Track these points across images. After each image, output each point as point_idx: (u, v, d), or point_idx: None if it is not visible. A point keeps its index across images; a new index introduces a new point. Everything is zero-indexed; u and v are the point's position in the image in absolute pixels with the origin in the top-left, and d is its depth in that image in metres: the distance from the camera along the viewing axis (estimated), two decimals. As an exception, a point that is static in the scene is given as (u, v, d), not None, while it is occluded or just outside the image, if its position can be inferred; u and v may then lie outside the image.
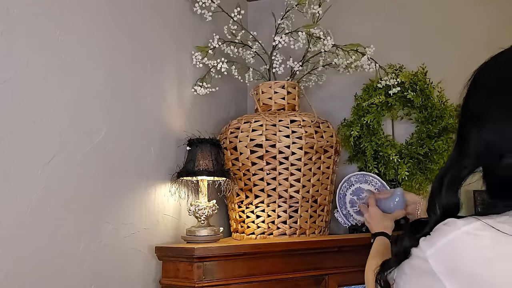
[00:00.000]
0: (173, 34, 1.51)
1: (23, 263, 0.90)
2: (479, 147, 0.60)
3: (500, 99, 0.60)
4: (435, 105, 1.71)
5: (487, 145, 0.59)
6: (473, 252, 0.54)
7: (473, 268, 0.53)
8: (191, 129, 1.51)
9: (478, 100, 0.63)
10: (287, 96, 1.60)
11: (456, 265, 0.55)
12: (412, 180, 1.72)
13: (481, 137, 0.60)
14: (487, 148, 0.59)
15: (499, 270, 0.52)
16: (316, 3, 1.65)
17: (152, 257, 1.29)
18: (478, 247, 0.54)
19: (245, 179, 1.49)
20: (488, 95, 0.62)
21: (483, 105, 0.62)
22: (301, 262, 1.32)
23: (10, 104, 0.89)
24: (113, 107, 1.19)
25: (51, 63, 1.00)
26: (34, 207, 0.93)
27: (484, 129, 0.60)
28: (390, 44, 1.87)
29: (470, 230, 0.55)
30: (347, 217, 1.68)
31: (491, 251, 0.53)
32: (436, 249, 0.57)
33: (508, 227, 0.53)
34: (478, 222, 0.55)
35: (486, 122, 0.60)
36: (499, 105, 0.60)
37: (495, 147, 0.58)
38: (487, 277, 0.52)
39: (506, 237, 0.52)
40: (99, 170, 1.12)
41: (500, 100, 0.60)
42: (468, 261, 0.54)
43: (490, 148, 0.59)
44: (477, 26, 1.84)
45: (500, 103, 0.60)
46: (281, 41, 1.60)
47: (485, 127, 0.60)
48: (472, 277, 0.53)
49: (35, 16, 0.96)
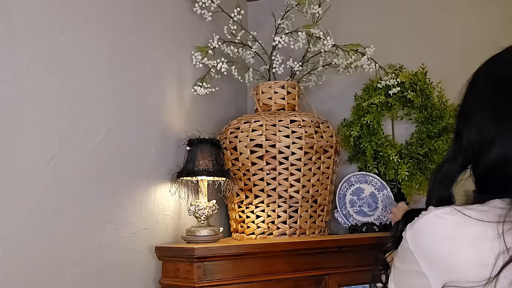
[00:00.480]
0: (173, 34, 1.51)
1: (23, 263, 0.90)
2: (467, 144, 0.66)
3: (487, 98, 0.65)
4: (435, 105, 1.71)
5: (471, 142, 0.65)
6: (437, 232, 0.59)
7: (436, 248, 0.58)
8: (191, 129, 1.51)
9: (470, 99, 0.68)
10: (287, 96, 1.60)
11: (424, 244, 0.60)
12: (412, 180, 1.71)
13: (468, 135, 0.65)
14: (471, 145, 0.65)
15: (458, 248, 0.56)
16: (316, 3, 1.65)
17: (152, 257, 1.29)
18: (442, 227, 0.59)
19: (245, 179, 1.49)
20: (479, 95, 0.66)
21: (473, 104, 0.67)
22: (301, 262, 1.32)
23: (10, 104, 0.89)
24: (113, 107, 1.19)
25: (51, 63, 1.00)
26: (34, 207, 0.93)
27: (471, 127, 0.65)
28: (390, 44, 1.87)
29: (438, 214, 0.60)
30: (347, 217, 1.69)
31: (452, 231, 0.57)
32: (412, 230, 0.62)
33: (474, 213, 0.57)
34: (448, 208, 0.60)
35: (472, 120, 0.65)
36: (484, 104, 0.64)
37: (478, 144, 0.63)
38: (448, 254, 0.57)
39: (469, 220, 0.57)
40: (99, 170, 1.12)
41: (487, 100, 0.65)
42: (432, 240, 0.59)
43: (474, 145, 0.64)
44: (477, 26, 1.84)
45: (486, 102, 0.64)
46: (281, 41, 1.60)
47: (471, 124, 0.65)
48: (436, 256, 0.58)
49: (35, 16, 0.96)
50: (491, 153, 0.61)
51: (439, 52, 1.86)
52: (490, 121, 0.62)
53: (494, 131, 0.61)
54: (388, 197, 1.65)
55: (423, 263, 0.59)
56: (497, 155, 0.60)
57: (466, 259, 0.55)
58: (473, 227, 0.56)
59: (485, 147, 0.62)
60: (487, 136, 0.62)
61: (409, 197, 1.72)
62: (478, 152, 0.63)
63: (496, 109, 0.62)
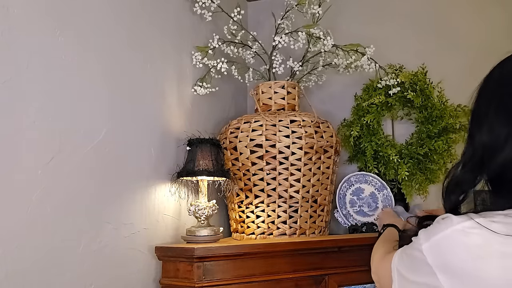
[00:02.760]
0: (173, 34, 1.51)
1: (23, 263, 0.90)
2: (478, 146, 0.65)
3: (499, 100, 0.64)
4: (435, 105, 1.71)
5: (483, 144, 0.64)
6: (464, 250, 0.57)
7: (463, 264, 0.56)
8: (191, 129, 1.51)
9: (482, 102, 0.68)
10: (287, 96, 1.60)
11: (448, 261, 0.58)
12: (412, 180, 1.72)
13: (481, 137, 0.64)
14: (484, 147, 0.64)
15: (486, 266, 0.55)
16: (316, 3, 1.65)
17: (152, 257, 1.29)
18: (469, 245, 0.57)
19: (245, 179, 1.49)
20: (490, 98, 0.66)
21: (485, 107, 0.66)
22: (301, 262, 1.32)
23: (10, 104, 0.89)
24: (113, 107, 1.19)
25: (51, 63, 1.00)
26: (34, 207, 0.93)
27: (483, 129, 0.64)
28: (390, 44, 1.87)
29: (462, 228, 0.58)
30: (347, 217, 1.69)
31: (480, 249, 0.56)
32: (431, 243, 0.60)
33: (499, 226, 0.56)
34: (471, 221, 0.58)
35: (484, 122, 0.65)
36: (496, 106, 0.64)
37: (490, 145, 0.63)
38: (475, 272, 0.55)
39: (495, 236, 0.55)
40: (99, 170, 1.12)
41: (498, 101, 0.64)
42: (458, 258, 0.57)
43: (486, 146, 0.63)
44: (477, 26, 1.84)
45: (498, 105, 0.64)
46: (281, 41, 1.60)
47: (483, 127, 0.64)
48: (462, 272, 0.56)
49: (35, 16, 0.96)
50: (504, 153, 0.61)
51: (439, 52, 1.86)
52: (502, 122, 0.62)
53: (506, 132, 0.61)
54: (389, 197, 1.65)
55: (444, 278, 0.58)
56: (509, 156, 0.60)
57: (494, 277, 0.54)
58: (502, 244, 0.55)
59: (498, 148, 0.62)
60: (499, 137, 0.62)
61: (409, 197, 1.72)
62: (491, 154, 0.63)
63: (508, 110, 0.62)
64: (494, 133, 0.62)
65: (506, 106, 0.63)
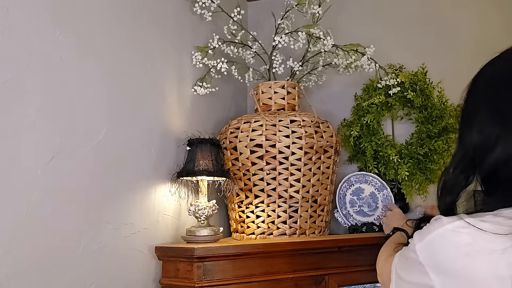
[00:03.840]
0: (173, 34, 1.51)
1: (23, 263, 0.90)
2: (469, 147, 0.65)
3: (488, 100, 0.64)
4: (435, 105, 1.71)
5: (474, 145, 0.64)
6: (454, 248, 0.58)
7: (453, 263, 0.58)
8: (191, 129, 1.51)
9: (471, 103, 0.68)
10: (287, 96, 1.60)
11: (439, 260, 0.59)
12: (412, 180, 1.72)
13: (471, 137, 0.65)
14: (474, 147, 0.64)
15: (475, 264, 0.56)
16: (316, 3, 1.65)
17: (152, 257, 1.29)
18: (459, 243, 0.58)
19: (245, 179, 1.49)
20: (480, 97, 0.66)
21: (474, 107, 0.66)
22: (301, 262, 1.32)
23: (10, 104, 0.89)
24: (113, 107, 1.19)
25: (51, 63, 1.00)
26: (34, 207, 0.93)
27: (473, 129, 0.65)
28: (390, 44, 1.87)
29: (453, 228, 0.59)
30: (347, 217, 1.69)
31: (469, 247, 0.57)
32: (423, 243, 0.62)
33: (488, 225, 0.57)
34: (461, 221, 0.59)
35: (474, 123, 0.65)
36: (486, 106, 0.64)
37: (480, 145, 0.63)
38: (464, 270, 0.56)
39: (485, 234, 0.56)
40: (99, 170, 1.12)
41: (488, 101, 0.64)
42: (449, 257, 0.58)
43: (477, 147, 0.64)
44: (477, 26, 1.84)
45: (487, 104, 0.64)
46: (281, 41, 1.60)
47: (473, 127, 0.65)
48: (452, 271, 0.58)
49: (35, 16, 0.96)
50: (494, 153, 0.61)
51: (439, 52, 1.86)
52: (492, 122, 0.62)
53: (496, 132, 0.61)
54: (389, 197, 1.65)
55: (436, 278, 0.59)
56: (500, 156, 0.60)
57: (483, 274, 0.55)
58: (490, 242, 0.56)
59: (488, 149, 0.62)
60: (489, 137, 0.62)
61: (409, 197, 1.72)
62: (482, 154, 0.63)
63: (498, 110, 0.62)
64: (484, 133, 0.62)
65: (496, 105, 0.63)
